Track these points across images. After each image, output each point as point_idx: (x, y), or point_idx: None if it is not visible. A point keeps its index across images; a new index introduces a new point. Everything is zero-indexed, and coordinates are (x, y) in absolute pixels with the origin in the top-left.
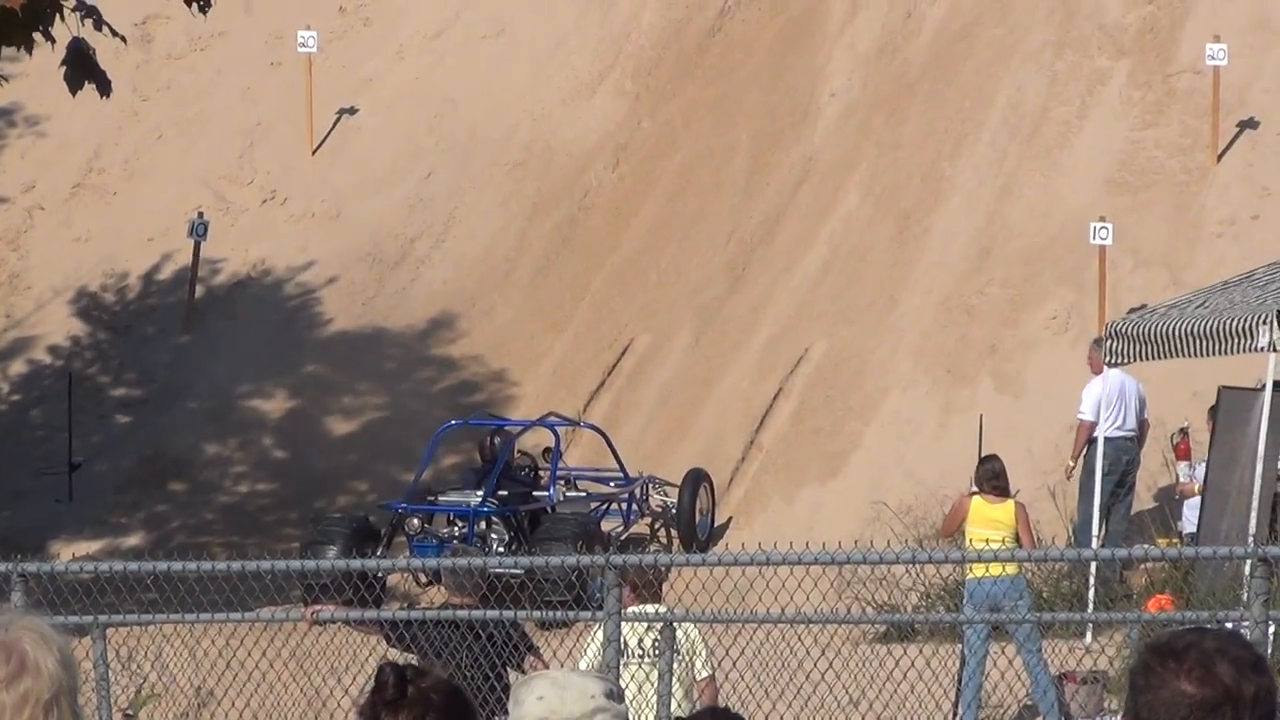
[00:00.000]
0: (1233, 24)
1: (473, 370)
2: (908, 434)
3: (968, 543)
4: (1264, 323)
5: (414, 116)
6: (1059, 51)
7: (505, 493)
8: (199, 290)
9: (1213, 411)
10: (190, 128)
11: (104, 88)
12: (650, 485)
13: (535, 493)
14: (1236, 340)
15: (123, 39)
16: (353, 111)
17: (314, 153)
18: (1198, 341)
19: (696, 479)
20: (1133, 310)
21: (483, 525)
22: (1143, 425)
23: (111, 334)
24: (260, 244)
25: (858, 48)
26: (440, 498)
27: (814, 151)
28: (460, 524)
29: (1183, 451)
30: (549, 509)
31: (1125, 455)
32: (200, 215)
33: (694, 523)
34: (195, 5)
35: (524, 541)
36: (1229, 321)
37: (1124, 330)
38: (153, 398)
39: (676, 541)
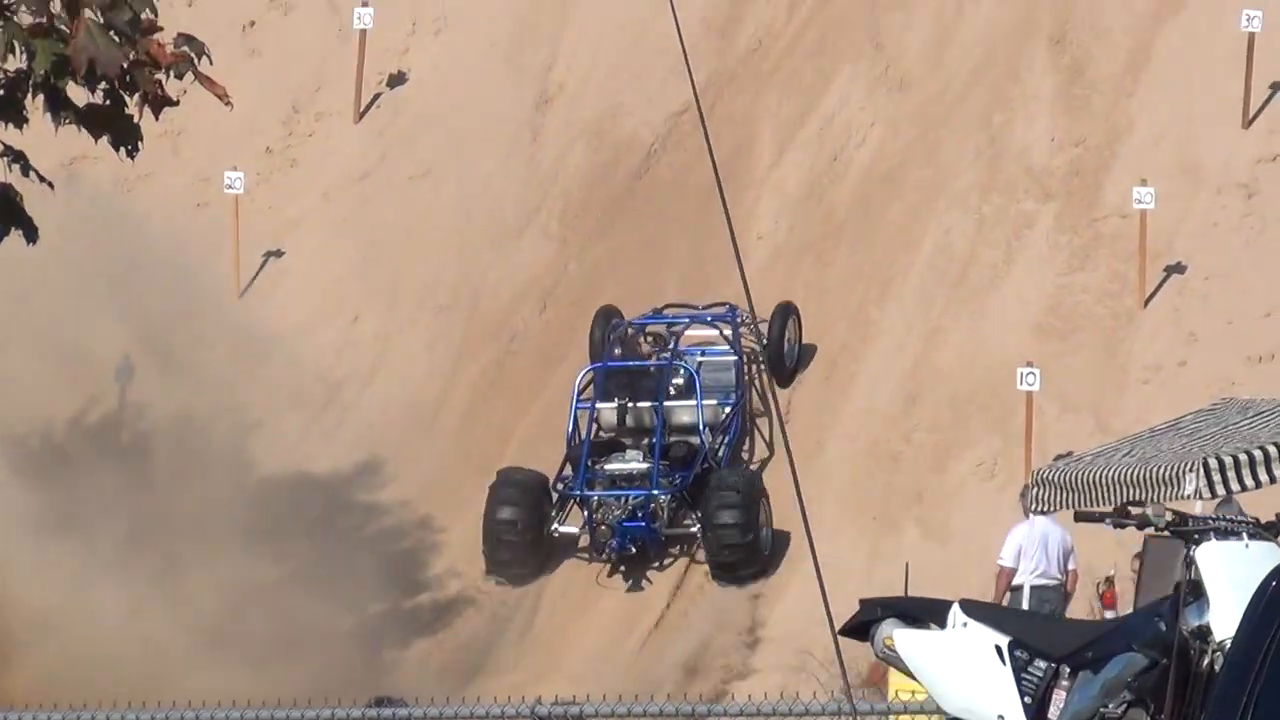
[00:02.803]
0: (1159, 168)
1: (398, 516)
2: (833, 583)
3: (892, 694)
4: (1190, 470)
5: (341, 258)
6: (985, 194)
7: (666, 462)
8: (125, 436)
9: (1139, 558)
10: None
11: (30, 234)
12: (738, 316)
13: (691, 440)
14: (1163, 488)
15: (50, 185)
16: (279, 254)
17: (241, 295)
18: (1124, 489)
19: (785, 311)
20: (1059, 457)
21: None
22: (1070, 575)
23: None
24: (186, 389)
25: (785, 189)
26: (605, 467)
27: (742, 295)
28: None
29: (1109, 600)
30: (714, 466)
31: (1048, 604)
32: (127, 358)
33: (783, 352)
34: (124, 150)
35: (691, 508)
36: (1156, 469)
37: (1050, 478)
38: None
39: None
